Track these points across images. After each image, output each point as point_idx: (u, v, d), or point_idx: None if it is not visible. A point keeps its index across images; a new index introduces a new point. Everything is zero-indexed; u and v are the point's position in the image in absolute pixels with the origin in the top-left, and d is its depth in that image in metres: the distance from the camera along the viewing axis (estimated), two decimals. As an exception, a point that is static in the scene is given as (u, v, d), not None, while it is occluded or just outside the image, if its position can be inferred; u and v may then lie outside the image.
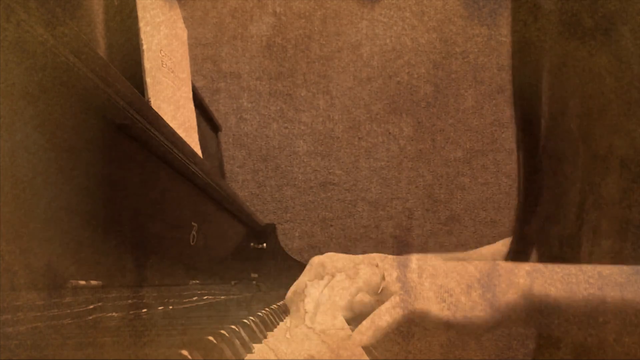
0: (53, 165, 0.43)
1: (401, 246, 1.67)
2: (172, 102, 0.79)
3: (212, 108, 1.47)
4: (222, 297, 0.95)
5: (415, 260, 0.44)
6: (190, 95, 0.92)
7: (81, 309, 0.46)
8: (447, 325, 0.41)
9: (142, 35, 0.73)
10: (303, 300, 0.46)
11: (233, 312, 0.69)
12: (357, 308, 0.44)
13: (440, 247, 1.68)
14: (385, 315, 0.42)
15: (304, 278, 0.47)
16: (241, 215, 1.14)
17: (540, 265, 0.44)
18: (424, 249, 1.68)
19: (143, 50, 0.72)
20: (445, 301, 0.42)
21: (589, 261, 0.50)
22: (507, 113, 1.73)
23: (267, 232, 1.39)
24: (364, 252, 0.50)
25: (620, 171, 0.49)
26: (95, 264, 0.50)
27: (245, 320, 0.49)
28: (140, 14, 0.73)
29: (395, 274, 0.43)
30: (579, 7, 0.52)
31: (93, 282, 0.48)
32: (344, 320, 0.43)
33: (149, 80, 0.72)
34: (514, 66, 0.62)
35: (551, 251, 0.56)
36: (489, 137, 1.73)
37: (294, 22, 1.75)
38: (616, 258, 0.48)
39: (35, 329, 0.39)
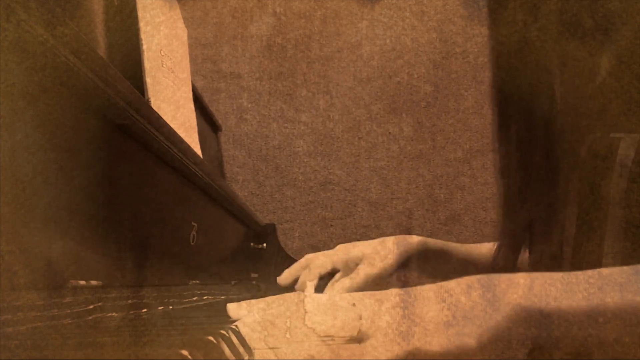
0: (53, 165, 0.43)
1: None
2: (172, 102, 0.79)
3: (212, 108, 1.47)
4: (222, 297, 0.95)
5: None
6: (190, 95, 0.92)
7: (81, 309, 0.46)
8: (447, 325, 0.41)
9: (142, 35, 0.73)
10: (303, 300, 0.46)
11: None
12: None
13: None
14: (385, 315, 0.42)
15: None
16: (241, 215, 1.13)
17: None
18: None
19: (143, 50, 0.72)
20: (445, 301, 0.42)
21: (589, 261, 0.50)
22: (507, 113, 1.73)
23: (267, 232, 1.39)
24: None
25: (620, 171, 0.49)
26: (95, 264, 0.50)
27: (245, 320, 0.49)
28: (140, 14, 0.73)
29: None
30: (579, 7, 0.52)
31: (93, 282, 0.48)
32: (344, 320, 0.43)
33: (149, 80, 0.72)
34: (512, 67, 0.62)
35: (549, 251, 0.56)
36: (489, 137, 1.73)
37: (294, 22, 1.75)
38: (616, 258, 0.48)
39: (35, 329, 0.39)
